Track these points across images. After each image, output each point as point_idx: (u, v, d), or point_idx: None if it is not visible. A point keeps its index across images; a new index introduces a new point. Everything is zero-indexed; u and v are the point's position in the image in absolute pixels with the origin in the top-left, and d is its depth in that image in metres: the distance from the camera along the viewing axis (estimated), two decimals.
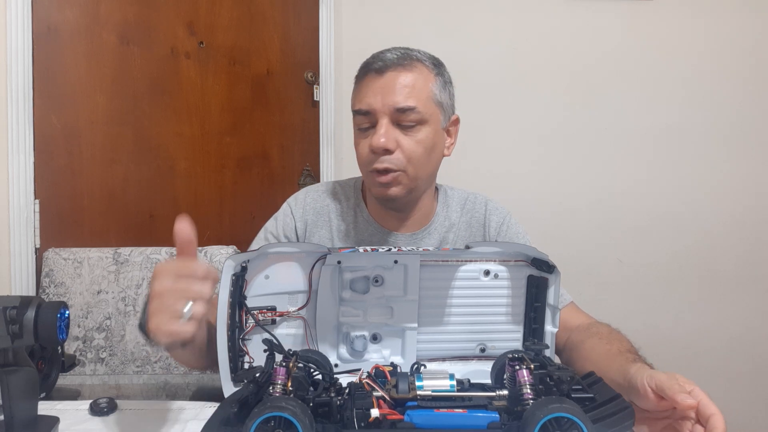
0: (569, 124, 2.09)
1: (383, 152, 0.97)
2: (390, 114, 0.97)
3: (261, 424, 0.59)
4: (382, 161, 0.97)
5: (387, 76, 0.98)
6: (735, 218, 2.11)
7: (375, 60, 1.01)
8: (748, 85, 2.10)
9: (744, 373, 2.12)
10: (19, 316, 0.67)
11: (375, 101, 0.97)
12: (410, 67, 0.99)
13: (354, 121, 1.03)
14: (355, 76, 1.05)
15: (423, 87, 1.00)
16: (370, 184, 1.03)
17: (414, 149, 0.98)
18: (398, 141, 0.97)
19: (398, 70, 0.98)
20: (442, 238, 1.10)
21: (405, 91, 0.97)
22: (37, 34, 1.67)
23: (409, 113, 0.97)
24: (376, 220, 1.10)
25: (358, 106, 1.00)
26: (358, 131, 1.03)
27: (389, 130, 0.97)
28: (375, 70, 0.99)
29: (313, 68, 2.04)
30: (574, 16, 2.07)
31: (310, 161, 2.06)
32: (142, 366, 1.56)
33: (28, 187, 1.68)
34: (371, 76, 0.99)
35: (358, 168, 1.06)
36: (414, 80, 0.99)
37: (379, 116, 0.97)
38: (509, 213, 1.14)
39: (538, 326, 0.86)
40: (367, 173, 1.02)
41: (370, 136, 0.99)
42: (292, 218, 1.11)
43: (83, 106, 1.75)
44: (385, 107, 0.97)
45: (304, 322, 0.85)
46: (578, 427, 0.59)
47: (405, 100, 0.97)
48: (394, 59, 0.99)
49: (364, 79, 1.01)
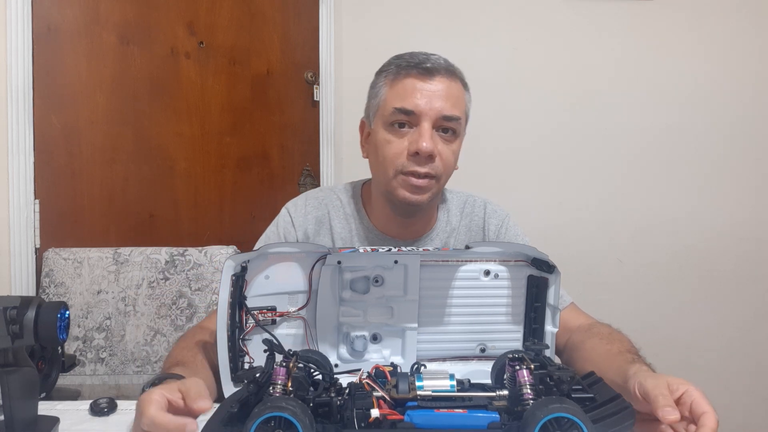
0: (569, 125, 2.09)
1: (428, 157, 0.95)
2: (435, 120, 0.95)
3: (261, 424, 0.59)
4: (424, 166, 0.95)
5: (437, 80, 0.96)
6: (735, 218, 2.11)
7: (422, 60, 0.98)
8: (748, 85, 2.10)
9: (744, 373, 2.12)
10: (19, 316, 0.67)
11: (422, 103, 0.95)
12: (455, 77, 0.99)
13: (386, 118, 0.98)
14: (388, 71, 1.01)
15: (462, 100, 1.00)
16: (397, 186, 0.98)
17: (450, 159, 0.99)
18: (438, 148, 0.96)
19: (447, 76, 0.97)
20: (443, 244, 1.09)
21: (452, 99, 0.97)
22: (37, 34, 1.67)
23: (453, 122, 0.97)
24: (378, 227, 1.08)
25: (402, 104, 0.96)
26: (389, 128, 0.98)
27: (434, 136, 0.96)
28: (424, 69, 0.97)
29: (313, 68, 2.04)
30: (574, 17, 2.07)
31: (310, 161, 2.06)
32: (142, 366, 1.56)
33: (28, 187, 1.68)
34: (418, 75, 0.97)
35: (377, 167, 1.02)
36: (458, 90, 0.99)
37: (423, 119, 0.95)
38: (508, 215, 1.13)
39: (538, 326, 0.86)
40: (396, 174, 0.97)
41: (407, 137, 0.96)
42: (293, 227, 1.09)
43: (83, 106, 1.75)
44: (433, 111, 0.95)
45: (304, 322, 0.85)
46: (578, 427, 0.59)
47: (452, 109, 0.96)
48: (443, 64, 0.98)
49: (409, 76, 0.97)
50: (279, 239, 1.09)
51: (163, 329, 1.57)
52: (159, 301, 1.58)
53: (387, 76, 1.01)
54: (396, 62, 1.01)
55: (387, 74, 1.01)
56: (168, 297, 1.58)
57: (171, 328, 1.57)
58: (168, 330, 1.57)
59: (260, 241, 1.12)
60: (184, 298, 1.58)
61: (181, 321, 1.57)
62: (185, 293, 1.58)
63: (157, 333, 1.57)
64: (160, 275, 1.58)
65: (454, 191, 1.16)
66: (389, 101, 0.98)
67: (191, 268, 1.59)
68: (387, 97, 0.99)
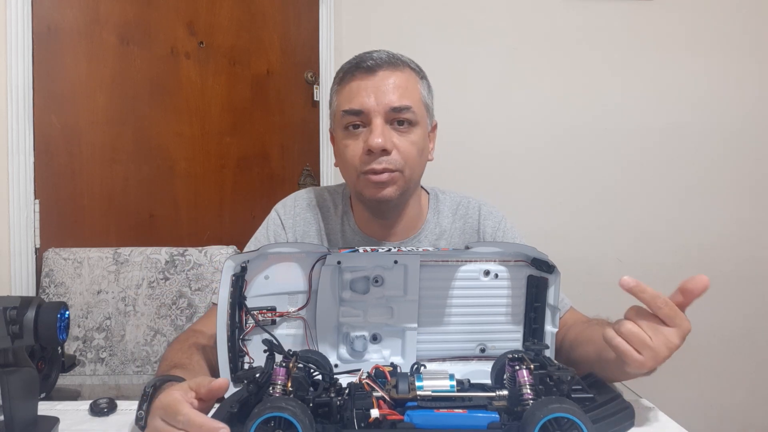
0: (569, 125, 2.09)
1: (381, 152, 0.94)
2: (384, 114, 0.95)
3: (261, 425, 0.59)
4: (380, 161, 0.95)
5: (379, 75, 0.96)
6: (735, 219, 2.11)
7: (363, 59, 0.98)
8: (748, 84, 2.10)
9: (744, 372, 2.12)
10: (19, 316, 0.67)
11: (368, 100, 0.95)
12: (400, 67, 0.99)
13: (340, 122, 0.99)
14: (336, 78, 1.03)
15: (414, 88, 0.99)
16: (362, 187, 0.98)
17: (410, 150, 0.97)
18: (394, 141, 0.96)
19: (390, 69, 0.97)
20: (432, 246, 1.07)
21: (399, 90, 0.96)
22: (37, 34, 1.67)
23: (404, 112, 0.96)
24: (363, 229, 1.07)
25: (349, 106, 0.97)
26: (345, 132, 0.99)
27: (385, 130, 0.95)
28: (365, 68, 0.97)
29: (313, 68, 2.04)
30: (574, 16, 2.07)
31: (310, 161, 2.06)
32: (142, 366, 1.56)
33: (28, 187, 1.68)
34: (361, 75, 0.97)
35: (344, 172, 1.03)
36: (406, 80, 0.98)
37: (372, 116, 0.95)
38: (504, 217, 1.12)
39: (538, 326, 0.86)
40: (358, 176, 0.98)
41: (361, 137, 0.96)
42: (283, 229, 1.09)
43: (83, 106, 1.75)
44: (380, 106, 0.95)
45: (304, 323, 0.85)
46: (578, 427, 0.59)
47: (400, 100, 0.95)
48: (384, 59, 0.98)
49: (353, 78, 0.98)
50: (268, 241, 1.08)
51: (163, 329, 1.57)
52: (159, 301, 1.58)
53: (336, 83, 1.02)
54: (342, 67, 1.02)
55: (336, 81, 1.03)
56: (168, 297, 1.58)
57: (171, 328, 1.57)
58: (168, 330, 1.57)
59: (250, 243, 1.11)
60: (184, 298, 1.58)
61: (181, 321, 1.57)
62: (185, 293, 1.58)
63: (157, 333, 1.57)
64: (160, 275, 1.59)
65: (447, 192, 1.14)
66: (339, 106, 0.99)
67: (191, 268, 1.59)
68: (338, 103, 1.01)
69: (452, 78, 1.99)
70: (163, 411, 0.63)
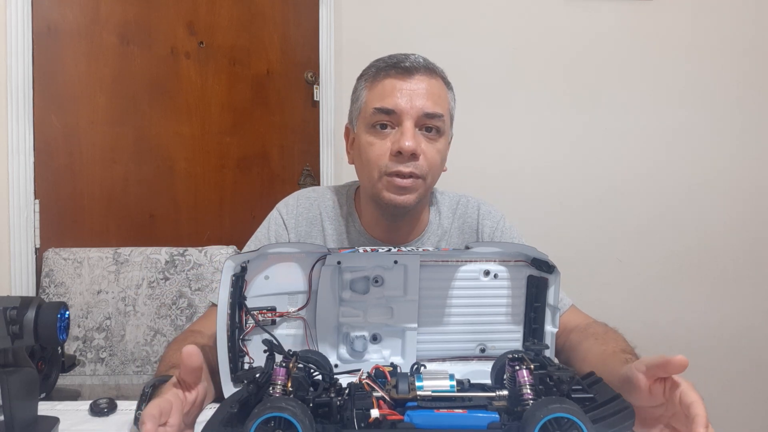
0: (569, 124, 2.09)
1: (411, 156, 0.93)
2: (416, 118, 0.94)
3: (261, 425, 0.59)
4: (408, 165, 0.93)
5: (416, 79, 0.95)
6: (735, 218, 2.11)
7: (400, 60, 0.96)
8: (748, 84, 2.10)
9: (744, 372, 2.12)
10: (19, 316, 0.67)
11: (402, 101, 0.93)
12: (435, 75, 0.98)
13: (368, 119, 0.97)
14: (368, 73, 1.01)
15: (445, 97, 0.99)
16: (382, 188, 0.96)
17: (435, 158, 0.96)
18: (422, 147, 0.94)
19: (426, 74, 0.96)
20: (434, 247, 1.07)
21: (433, 97, 0.95)
22: (37, 34, 1.67)
23: (435, 120, 0.95)
24: (368, 231, 1.06)
25: (381, 104, 0.95)
26: (371, 130, 0.97)
27: (416, 135, 0.94)
28: (402, 69, 0.95)
29: (313, 68, 2.04)
30: (574, 16, 2.07)
31: (310, 161, 2.06)
32: (142, 366, 1.56)
33: (28, 187, 1.68)
34: (397, 74, 0.95)
35: (362, 171, 1.00)
36: (440, 89, 0.98)
37: (404, 118, 0.94)
38: (503, 217, 1.11)
39: (538, 326, 0.86)
40: (380, 176, 0.96)
41: (389, 138, 0.95)
42: (285, 229, 1.08)
43: (83, 106, 1.75)
44: (414, 110, 0.93)
45: (304, 323, 0.85)
46: (578, 427, 0.59)
47: (434, 106, 0.95)
48: (422, 63, 0.97)
49: (388, 76, 0.96)
50: (269, 241, 1.07)
51: (163, 329, 1.57)
52: (159, 301, 1.58)
53: (367, 79, 1.00)
54: (375, 64, 1.00)
55: (366, 77, 1.00)
56: (168, 297, 1.58)
57: (171, 328, 1.57)
58: (168, 330, 1.57)
59: (250, 242, 1.10)
60: (184, 298, 1.58)
61: (181, 321, 1.57)
62: (185, 293, 1.58)
63: (157, 333, 1.57)
64: (160, 275, 1.59)
65: (446, 192, 1.14)
66: (369, 103, 0.97)
67: (191, 268, 1.59)
68: (367, 99, 0.98)
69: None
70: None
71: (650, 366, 0.67)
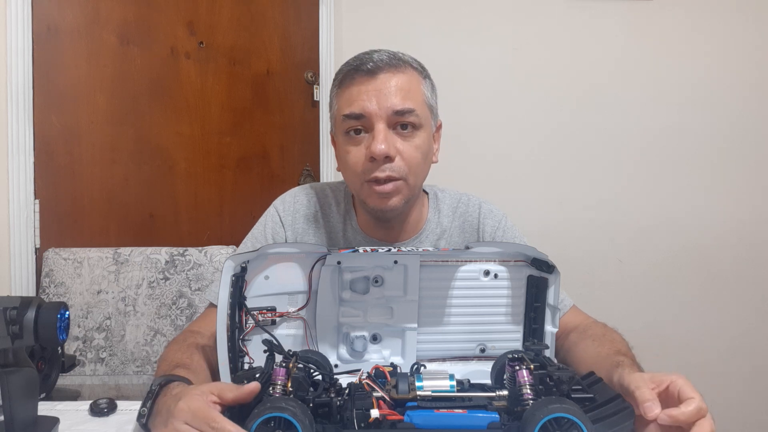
0: (569, 125, 2.09)
1: (384, 159, 0.91)
2: (387, 118, 0.91)
3: (261, 425, 0.59)
4: (384, 169, 0.91)
5: (380, 78, 0.92)
6: (735, 219, 2.11)
7: (363, 61, 0.94)
8: (748, 85, 2.10)
9: (744, 373, 2.12)
10: (19, 316, 0.67)
11: (370, 104, 0.91)
12: (402, 68, 0.95)
13: (341, 127, 0.95)
14: (336, 80, 0.99)
15: (417, 89, 0.95)
16: (366, 196, 0.95)
17: (414, 155, 0.93)
18: (397, 147, 0.92)
19: (391, 71, 0.93)
20: (433, 245, 1.06)
21: (401, 93, 0.92)
22: (37, 34, 1.67)
23: (407, 116, 0.92)
24: (365, 230, 1.05)
25: (350, 110, 0.92)
26: (346, 137, 0.95)
27: (388, 136, 0.91)
28: (366, 71, 0.93)
29: (313, 68, 2.04)
30: (574, 17, 2.06)
31: (310, 161, 2.06)
32: (142, 366, 1.56)
33: (28, 187, 1.68)
34: (361, 77, 0.93)
35: (347, 178, 0.99)
36: (408, 82, 0.94)
37: (374, 120, 0.91)
38: (504, 216, 1.10)
39: (538, 326, 0.86)
40: (362, 184, 0.94)
41: (363, 143, 0.93)
42: (281, 226, 1.07)
43: (83, 106, 1.75)
44: (382, 110, 0.91)
45: (304, 323, 0.85)
46: (578, 427, 0.59)
47: (403, 102, 0.91)
48: (385, 60, 0.94)
49: (354, 81, 0.94)
50: (265, 239, 1.06)
51: (163, 329, 1.57)
52: (159, 301, 1.58)
53: (336, 87, 0.98)
54: (342, 69, 0.98)
55: (335, 83, 0.99)
56: (168, 297, 1.58)
57: (171, 328, 1.57)
58: (168, 330, 1.57)
59: (247, 239, 1.09)
60: (184, 298, 1.58)
61: (181, 321, 1.57)
62: (185, 293, 1.58)
63: (157, 333, 1.57)
64: (160, 275, 1.59)
65: (447, 191, 1.12)
66: (340, 110, 0.96)
67: (191, 268, 1.59)
68: (338, 107, 0.97)
69: (452, 78, 1.99)
70: (190, 416, 0.62)
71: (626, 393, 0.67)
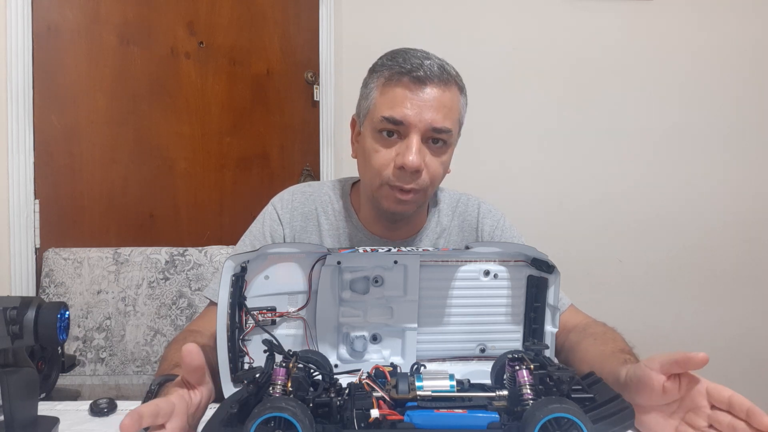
0: (569, 124, 2.09)
1: (414, 172, 0.92)
2: (424, 131, 0.92)
3: (261, 425, 0.59)
4: (409, 181, 0.93)
5: (428, 91, 0.92)
6: (735, 218, 2.11)
7: (413, 66, 0.92)
8: (747, 84, 2.10)
9: (744, 373, 2.11)
10: (19, 316, 0.67)
11: (411, 113, 0.91)
12: (449, 85, 0.94)
13: (375, 124, 0.94)
14: (378, 72, 0.96)
15: (456, 108, 0.96)
16: (383, 197, 0.96)
17: (438, 171, 0.95)
18: (426, 161, 0.93)
19: (440, 86, 0.93)
20: (433, 244, 1.07)
21: (443, 110, 0.92)
22: (37, 34, 1.67)
23: (443, 134, 0.93)
24: (366, 227, 1.06)
25: (390, 113, 0.92)
26: (377, 136, 0.95)
27: (421, 149, 0.92)
28: (415, 78, 0.92)
29: (313, 68, 2.04)
30: (574, 17, 2.07)
31: (310, 161, 2.06)
32: (142, 366, 1.56)
33: (28, 187, 1.68)
34: (408, 82, 0.92)
35: (364, 173, 0.99)
36: (451, 101, 0.94)
37: (411, 131, 0.91)
38: (503, 216, 1.11)
39: (538, 326, 0.86)
40: (381, 185, 0.95)
41: (394, 148, 0.93)
42: (279, 224, 1.06)
43: (83, 106, 1.75)
44: (422, 123, 0.91)
45: (303, 323, 0.85)
46: (578, 427, 0.59)
47: (443, 121, 0.92)
48: (436, 72, 0.92)
49: (400, 83, 0.93)
50: (263, 237, 1.06)
51: (163, 329, 1.57)
52: (159, 301, 1.58)
53: (378, 79, 0.96)
54: (389, 65, 0.95)
55: (379, 77, 0.96)
56: (168, 297, 1.58)
57: (171, 328, 1.57)
58: (168, 330, 1.57)
59: (245, 237, 1.09)
60: (184, 298, 1.58)
61: (181, 321, 1.57)
62: (185, 293, 1.58)
63: (157, 333, 1.57)
64: (160, 275, 1.59)
65: (446, 190, 1.13)
66: (378, 108, 0.94)
67: (191, 268, 1.59)
68: (377, 103, 0.95)
69: None
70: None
71: (665, 363, 0.67)
